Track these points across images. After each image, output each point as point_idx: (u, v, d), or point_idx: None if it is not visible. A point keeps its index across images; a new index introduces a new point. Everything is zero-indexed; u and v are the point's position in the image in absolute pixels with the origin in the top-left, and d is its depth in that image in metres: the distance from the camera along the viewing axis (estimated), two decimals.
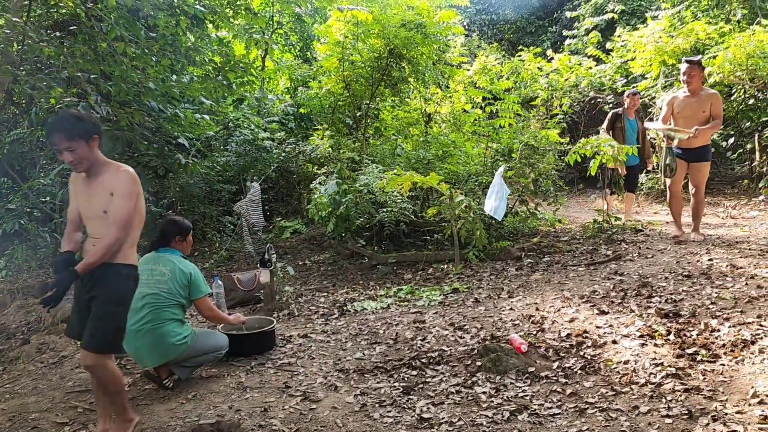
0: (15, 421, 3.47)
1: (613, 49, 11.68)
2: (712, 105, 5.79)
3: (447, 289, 5.79)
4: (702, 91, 5.90)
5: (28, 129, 8.94)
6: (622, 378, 3.32)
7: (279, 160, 9.87)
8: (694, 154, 6.02)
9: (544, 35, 17.25)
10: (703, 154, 6.05)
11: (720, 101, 5.86)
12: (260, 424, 3.17)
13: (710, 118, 5.85)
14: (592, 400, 3.13)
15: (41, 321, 6.85)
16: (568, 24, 15.51)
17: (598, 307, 4.43)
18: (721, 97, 6.01)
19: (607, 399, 3.12)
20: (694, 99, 5.89)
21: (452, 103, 10.03)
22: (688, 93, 5.93)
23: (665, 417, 2.86)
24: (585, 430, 2.82)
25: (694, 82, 5.80)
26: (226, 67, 7.06)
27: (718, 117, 5.84)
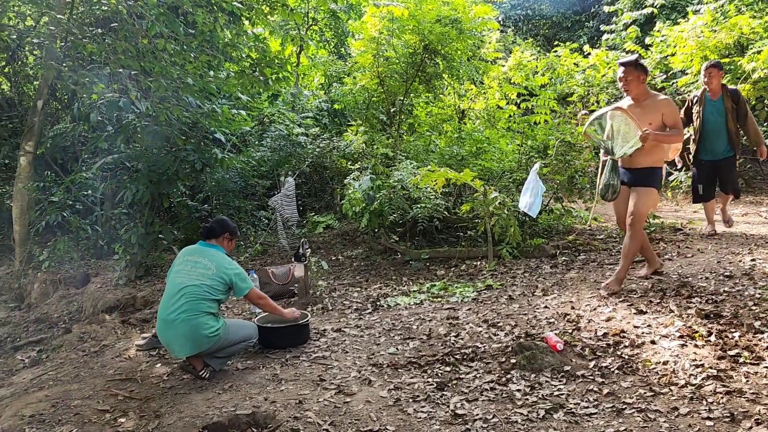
0: (58, 407, 3.58)
1: (653, 45, 11.43)
2: (665, 114, 4.60)
3: (480, 286, 5.77)
4: (647, 98, 4.70)
5: (70, 124, 9.17)
6: (661, 379, 3.26)
7: (313, 156, 9.94)
8: (637, 176, 4.73)
9: (580, 30, 17.00)
10: (648, 178, 4.67)
11: (674, 108, 4.66)
12: (295, 416, 3.20)
13: (663, 130, 4.65)
14: (630, 400, 3.08)
15: (82, 311, 7.05)
16: (606, 19, 15.23)
17: (636, 306, 4.36)
18: (674, 103, 4.82)
19: (646, 400, 3.07)
20: (638, 108, 4.67)
21: (486, 100, 9.95)
22: (631, 101, 4.77)
23: (706, 419, 2.81)
24: (622, 430, 2.78)
25: (632, 88, 4.65)
26: (263, 63, 7.13)
27: (676, 126, 4.61)
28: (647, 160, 4.66)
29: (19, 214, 8.80)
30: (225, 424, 3.23)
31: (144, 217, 7.70)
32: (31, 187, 8.70)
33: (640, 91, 4.67)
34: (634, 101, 4.72)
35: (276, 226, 8.65)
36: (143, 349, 4.69)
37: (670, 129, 4.61)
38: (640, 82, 4.65)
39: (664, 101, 4.66)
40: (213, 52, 6.77)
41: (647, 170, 4.68)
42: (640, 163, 4.68)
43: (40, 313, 7.41)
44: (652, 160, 4.67)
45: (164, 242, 7.86)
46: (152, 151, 7.41)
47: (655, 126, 4.57)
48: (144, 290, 7.11)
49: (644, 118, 4.58)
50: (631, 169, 4.76)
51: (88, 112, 7.62)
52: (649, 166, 4.67)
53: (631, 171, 4.76)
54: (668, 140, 4.63)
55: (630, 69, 4.62)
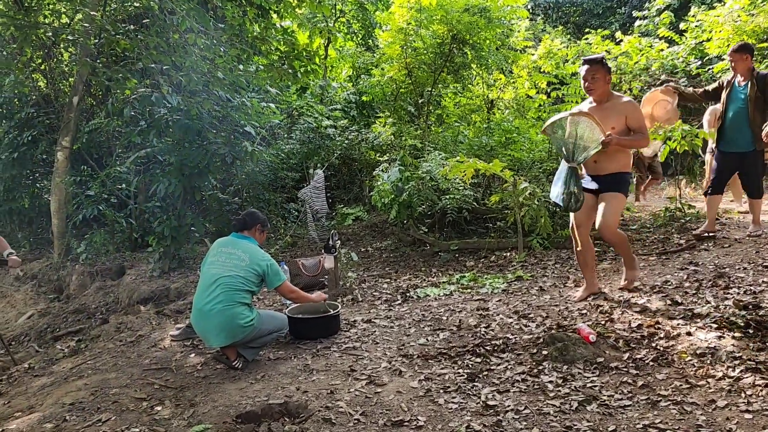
0: (97, 395, 3.67)
1: (687, 30, 11.15)
2: (628, 117, 4.27)
3: (510, 277, 5.73)
4: (610, 100, 4.37)
5: (105, 119, 9.35)
6: (698, 371, 3.20)
7: (342, 148, 9.97)
8: (603, 183, 4.41)
9: (612, 17, 16.67)
10: (615, 184, 4.37)
11: (639, 110, 4.36)
12: (327, 406, 3.23)
13: (627, 134, 4.31)
14: (666, 392, 3.03)
15: (118, 302, 7.21)
16: (639, 4, 14.92)
17: (671, 297, 4.28)
18: (639, 106, 4.50)
19: (682, 392, 3.02)
20: (600, 111, 4.33)
21: (516, 89, 9.85)
22: (593, 103, 4.45)
23: (744, 412, 2.75)
24: (658, 423, 2.74)
25: (597, 88, 4.31)
26: (291, 56, 7.17)
27: (641, 129, 4.28)
28: (613, 165, 4.35)
29: (57, 208, 9.02)
30: (258, 414, 3.28)
31: (176, 210, 7.83)
32: (68, 181, 8.91)
33: (605, 91, 4.35)
34: (596, 103, 4.40)
35: (306, 218, 8.71)
36: (177, 340, 4.78)
37: (635, 133, 4.28)
38: (605, 82, 4.33)
39: (628, 103, 4.33)
40: (242, 46, 6.84)
41: (614, 176, 4.37)
42: (606, 169, 4.37)
43: (78, 304, 7.60)
44: (619, 165, 4.36)
45: (196, 235, 7.98)
46: (184, 145, 7.51)
47: (619, 130, 4.26)
48: (177, 282, 7.23)
49: (607, 121, 4.25)
50: (597, 176, 4.44)
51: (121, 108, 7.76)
52: (616, 172, 4.36)
53: (598, 178, 4.44)
54: (632, 145, 4.38)
55: (597, 67, 4.30)
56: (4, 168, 10.33)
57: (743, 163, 5.61)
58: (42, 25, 6.75)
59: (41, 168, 11.08)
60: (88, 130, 9.89)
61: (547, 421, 2.88)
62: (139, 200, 9.40)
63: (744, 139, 5.52)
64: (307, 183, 9.37)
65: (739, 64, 5.53)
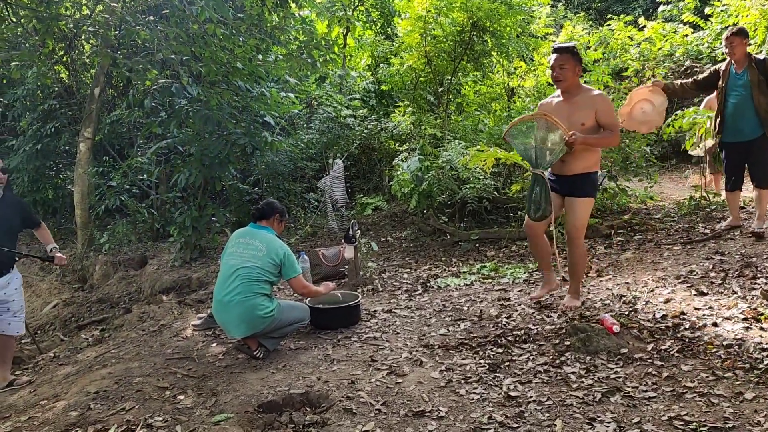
0: (121, 384, 3.71)
1: (713, 15, 10.91)
2: (599, 112, 3.97)
3: (532, 267, 5.68)
4: (579, 93, 4.07)
5: (126, 110, 9.42)
6: (725, 362, 3.14)
7: (361, 138, 9.95)
8: (569, 184, 4.14)
9: (634, 2, 16.37)
10: (581, 185, 4.09)
11: (610, 105, 4.04)
12: (348, 396, 3.23)
13: (597, 130, 4.03)
14: (691, 384, 2.98)
15: (141, 292, 7.28)
16: None
17: (697, 287, 4.21)
18: (610, 100, 4.16)
19: (708, 384, 2.97)
20: (568, 105, 4.07)
21: (537, 77, 9.72)
22: (561, 95, 4.16)
23: None
24: (684, 415, 2.69)
25: (566, 78, 4.01)
26: (310, 45, 7.15)
27: (611, 127, 3.99)
28: (580, 165, 4.04)
29: (80, 199, 9.13)
30: (279, 403, 3.29)
31: (197, 201, 7.88)
32: (90, 172, 9.01)
33: (574, 83, 4.05)
34: (564, 95, 4.11)
35: (325, 208, 8.71)
36: (199, 329, 4.81)
37: (604, 129, 4.00)
38: (575, 74, 4.03)
39: (599, 97, 4.03)
40: (261, 36, 6.82)
41: (581, 177, 4.07)
42: (572, 169, 4.06)
43: (101, 294, 7.70)
44: (586, 164, 4.05)
45: (217, 225, 8.03)
46: (204, 136, 7.54)
47: (589, 126, 3.97)
48: (198, 271, 7.29)
49: (576, 115, 3.99)
50: (562, 176, 4.14)
51: (142, 99, 7.81)
52: (583, 172, 4.06)
53: (563, 178, 4.14)
54: (600, 144, 4.08)
55: (566, 56, 3.98)
56: (28, 159, 10.49)
57: (751, 151, 5.30)
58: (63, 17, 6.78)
59: (64, 159, 11.22)
60: (110, 122, 9.99)
61: (570, 412, 2.85)
62: (160, 191, 9.48)
63: (750, 127, 5.24)
64: (327, 173, 9.36)
65: (739, 48, 5.23)
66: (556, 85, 4.14)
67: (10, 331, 4.30)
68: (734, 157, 5.43)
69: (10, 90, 11.08)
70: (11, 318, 4.27)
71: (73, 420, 3.23)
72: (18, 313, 4.32)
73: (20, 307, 4.34)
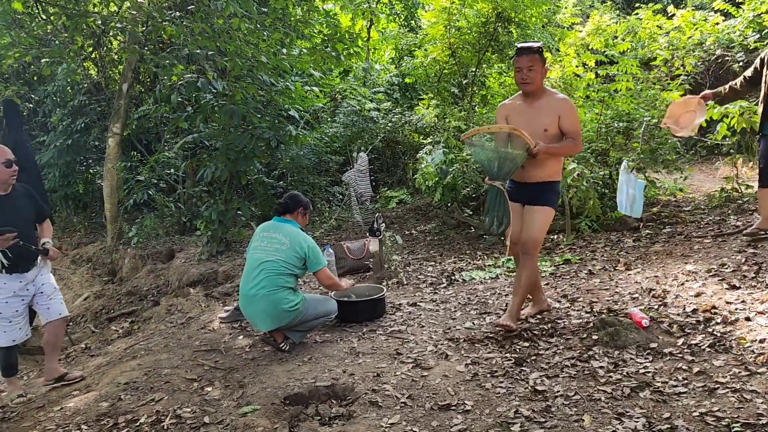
0: (150, 375, 3.77)
1: (745, 2, 10.63)
2: (562, 117, 3.72)
3: (558, 260, 5.62)
4: (543, 97, 3.81)
5: (153, 105, 9.53)
6: (758, 357, 3.08)
7: (385, 131, 9.93)
8: (529, 193, 3.88)
9: None
10: (543, 194, 3.84)
11: (574, 110, 3.77)
12: (373, 389, 3.24)
13: (560, 137, 3.77)
14: (723, 379, 2.92)
15: (168, 285, 7.39)
16: None
17: (728, 281, 4.12)
18: (574, 105, 3.88)
19: (741, 379, 2.90)
20: (531, 109, 3.81)
21: (563, 68, 9.59)
22: (523, 98, 3.90)
23: None
24: (715, 411, 2.64)
25: (534, 81, 3.74)
26: (334, 39, 7.14)
27: (575, 134, 3.73)
28: (542, 173, 3.81)
29: (109, 193, 9.27)
30: (305, 395, 3.31)
31: (223, 195, 7.95)
32: (119, 167, 9.14)
33: (539, 86, 3.79)
34: (526, 97, 3.85)
35: (350, 202, 8.72)
36: (226, 322, 4.86)
37: (566, 138, 3.74)
38: (542, 76, 3.78)
39: (564, 102, 3.77)
40: (285, 30, 6.83)
41: (542, 186, 3.83)
42: (533, 176, 3.82)
43: (130, 287, 7.83)
44: (548, 173, 3.82)
45: (242, 218, 8.10)
46: (229, 130, 7.60)
47: (552, 133, 3.73)
48: (225, 265, 7.36)
49: (538, 120, 3.74)
50: (523, 184, 3.90)
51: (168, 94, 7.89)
52: (545, 181, 3.83)
53: (525, 186, 3.90)
54: (563, 153, 3.85)
55: (534, 57, 3.72)
56: (59, 154, 10.69)
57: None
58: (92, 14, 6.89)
59: (94, 154, 11.42)
60: (137, 117, 10.12)
61: (598, 407, 2.82)
62: (186, 185, 9.59)
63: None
64: (351, 166, 9.37)
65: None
66: (522, 88, 3.82)
67: (51, 316, 4.08)
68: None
69: (41, 86, 11.29)
70: (47, 302, 4.07)
71: (104, 410, 3.29)
72: (53, 294, 4.10)
73: (53, 288, 4.14)
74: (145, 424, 3.07)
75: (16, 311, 3.92)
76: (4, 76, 11.25)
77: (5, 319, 3.88)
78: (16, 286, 3.91)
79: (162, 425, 3.03)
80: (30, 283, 3.98)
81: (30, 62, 10.47)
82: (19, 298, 3.93)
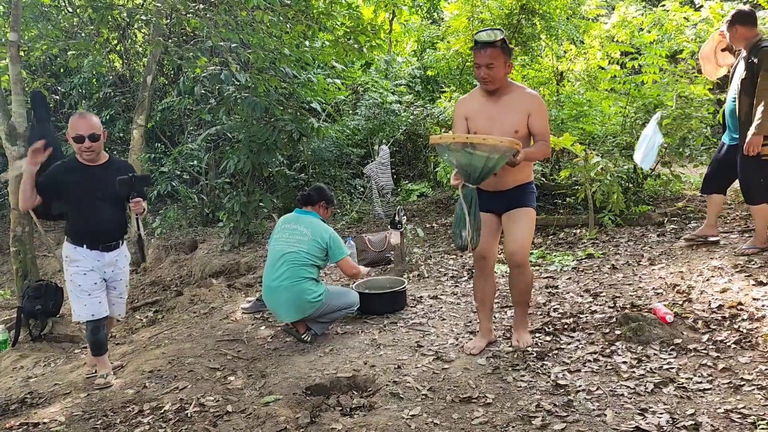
0: (174, 364, 3.82)
1: None
2: (532, 116, 3.29)
3: (581, 255, 5.58)
4: (509, 93, 3.36)
5: (176, 97, 9.62)
6: None
7: (407, 124, 9.90)
8: (507, 199, 3.45)
9: None
10: (522, 197, 3.44)
11: (544, 108, 3.36)
12: (394, 381, 3.25)
13: (528, 138, 3.35)
14: (749, 377, 2.88)
15: (192, 275, 7.47)
16: None
17: (756, 277, 4.05)
18: (544, 104, 3.42)
19: (767, 376, 2.86)
20: (496, 106, 3.35)
21: (587, 60, 9.48)
22: (483, 96, 3.42)
23: None
24: (741, 408, 2.61)
25: (496, 79, 3.27)
26: (357, 31, 7.14)
27: (545, 136, 3.32)
28: (517, 176, 3.40)
29: None
30: (327, 386, 3.33)
31: (245, 186, 8.00)
32: (143, 158, 9.24)
33: (504, 81, 3.33)
34: (490, 95, 3.37)
35: (371, 194, 8.73)
36: (248, 312, 4.91)
37: (536, 137, 3.32)
38: (505, 71, 3.30)
39: (533, 98, 3.34)
40: (308, 22, 6.84)
41: (520, 189, 3.44)
42: (508, 182, 3.41)
43: (154, 277, 7.93)
44: (524, 175, 3.45)
45: (264, 210, 8.15)
46: (252, 122, 7.64)
47: (522, 134, 3.29)
48: (247, 256, 7.42)
49: (506, 120, 3.29)
50: (495, 193, 3.44)
51: (192, 86, 7.96)
52: (523, 183, 3.45)
53: (498, 195, 3.44)
54: (538, 158, 3.43)
55: (495, 52, 3.22)
56: None
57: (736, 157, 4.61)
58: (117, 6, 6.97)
59: (119, 146, 11.56)
60: (161, 109, 10.23)
61: (621, 402, 2.80)
62: (209, 176, 9.67)
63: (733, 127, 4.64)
64: (373, 159, 9.37)
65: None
66: (483, 85, 3.36)
67: (112, 313, 3.88)
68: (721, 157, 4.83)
69: (68, 79, 11.46)
70: (117, 299, 3.87)
71: (129, 397, 3.35)
72: (123, 294, 3.93)
73: (126, 287, 3.95)
74: (170, 412, 3.12)
75: (94, 284, 3.63)
76: (32, 68, 11.42)
77: (84, 292, 3.60)
78: (94, 263, 3.66)
79: (186, 413, 3.08)
80: (108, 266, 3.73)
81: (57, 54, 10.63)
82: (97, 273, 3.67)
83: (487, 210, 3.42)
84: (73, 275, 3.62)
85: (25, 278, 5.75)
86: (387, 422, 2.79)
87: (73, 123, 3.57)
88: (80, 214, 3.62)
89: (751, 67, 4.30)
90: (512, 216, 3.43)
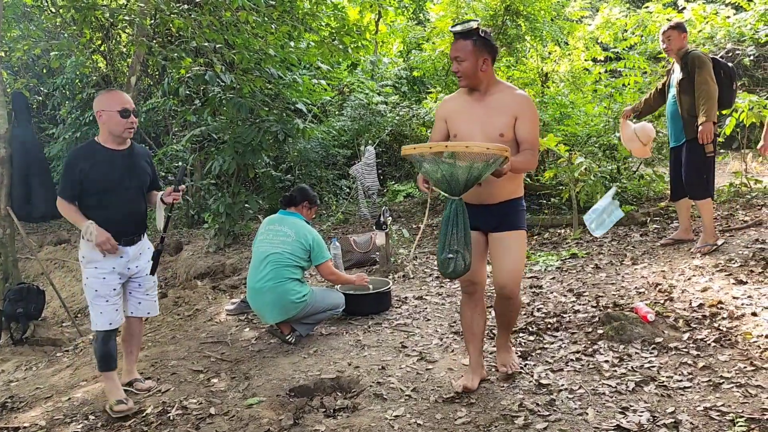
0: (157, 367, 3.80)
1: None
2: (520, 119, 2.83)
3: (564, 255, 5.61)
4: (495, 92, 2.91)
5: (161, 98, 9.55)
6: (763, 353, 3.07)
7: (393, 124, 9.91)
8: (493, 216, 2.96)
9: None
10: (512, 215, 2.96)
11: (535, 111, 2.88)
12: (378, 381, 3.25)
13: (515, 143, 2.85)
14: (728, 374, 2.92)
15: (176, 277, 7.43)
16: None
17: (735, 276, 4.11)
18: (535, 107, 2.92)
19: (746, 374, 2.90)
20: (480, 106, 2.90)
21: (571, 61, 9.55)
22: (467, 95, 2.97)
23: None
24: (720, 405, 2.64)
25: (466, 75, 2.86)
26: (342, 32, 7.14)
27: (533, 144, 2.84)
28: (505, 190, 2.92)
29: None
30: (311, 388, 3.33)
31: (231, 188, 7.97)
32: None
33: (480, 79, 2.87)
34: (474, 95, 2.93)
35: (357, 195, 8.73)
36: (232, 314, 4.89)
37: (522, 144, 2.84)
38: (478, 67, 2.83)
39: (523, 99, 2.87)
40: (293, 23, 6.83)
41: (508, 204, 2.96)
42: (495, 195, 2.92)
43: None
44: (513, 188, 2.96)
45: (250, 211, 8.12)
46: (237, 123, 7.61)
47: (508, 138, 2.83)
48: (232, 258, 7.39)
49: (491, 122, 2.84)
50: (480, 207, 2.94)
51: (177, 87, 7.90)
52: (510, 198, 2.96)
53: (483, 209, 2.94)
54: (526, 168, 2.89)
55: (466, 44, 2.83)
56: (68, 147, 10.75)
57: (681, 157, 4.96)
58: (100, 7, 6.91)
59: None
60: (146, 110, 10.15)
61: (603, 401, 2.82)
62: (194, 178, 9.62)
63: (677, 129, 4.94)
64: (359, 160, 9.38)
65: (673, 43, 4.94)
66: (461, 83, 2.95)
67: (139, 312, 3.53)
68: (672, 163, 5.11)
69: (50, 79, 11.35)
70: (143, 296, 3.50)
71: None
72: (150, 290, 3.54)
73: (153, 283, 3.57)
74: (152, 415, 3.10)
75: (113, 290, 3.29)
76: (14, 68, 11.30)
77: (101, 298, 3.26)
78: (117, 261, 3.29)
79: (168, 416, 3.06)
80: (133, 261, 3.40)
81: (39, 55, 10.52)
82: (117, 276, 3.31)
83: (472, 227, 2.80)
84: (90, 279, 3.28)
85: (6, 281, 5.69)
86: (370, 423, 2.79)
87: (114, 97, 3.32)
88: (107, 205, 3.25)
89: (686, 69, 4.75)
90: (502, 241, 2.96)
